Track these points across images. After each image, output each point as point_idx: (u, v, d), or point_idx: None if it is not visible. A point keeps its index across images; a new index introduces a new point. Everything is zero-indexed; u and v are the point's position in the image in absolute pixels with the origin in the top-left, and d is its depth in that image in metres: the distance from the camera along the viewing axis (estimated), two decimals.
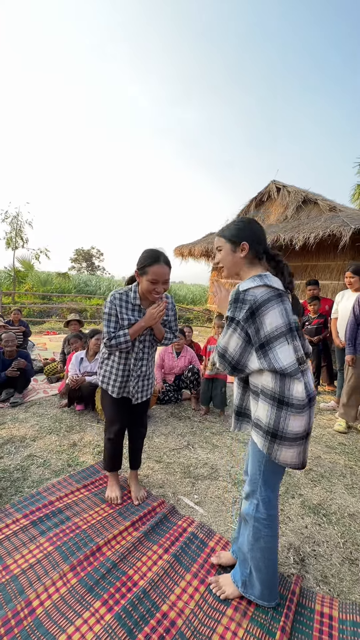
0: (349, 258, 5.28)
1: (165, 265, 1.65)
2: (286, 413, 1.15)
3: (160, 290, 1.66)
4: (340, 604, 1.39)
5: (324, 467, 2.49)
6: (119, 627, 1.24)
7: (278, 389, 1.15)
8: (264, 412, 1.18)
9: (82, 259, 34.13)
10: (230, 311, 1.19)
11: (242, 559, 1.35)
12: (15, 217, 11.74)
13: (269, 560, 1.30)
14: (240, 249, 1.26)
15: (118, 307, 1.70)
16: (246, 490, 1.33)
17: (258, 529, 1.28)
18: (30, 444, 2.60)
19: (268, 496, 1.27)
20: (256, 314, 1.14)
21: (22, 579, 1.42)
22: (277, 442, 1.17)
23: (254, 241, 1.26)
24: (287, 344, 1.16)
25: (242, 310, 1.15)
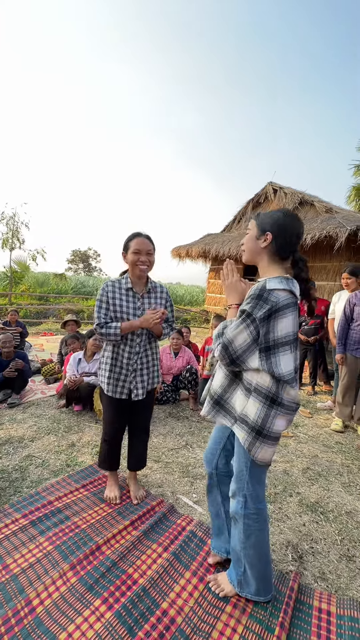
0: (345, 259, 5.34)
1: (145, 238, 1.73)
2: (276, 413, 1.17)
3: (144, 260, 1.71)
4: (338, 600, 1.41)
5: (321, 465, 2.52)
6: (119, 624, 1.25)
7: (274, 389, 1.17)
8: (253, 409, 1.19)
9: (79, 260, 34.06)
10: (249, 306, 1.15)
11: (236, 559, 1.35)
12: (12, 217, 11.70)
13: (262, 555, 1.31)
14: (264, 238, 1.22)
15: (111, 292, 1.73)
16: (232, 488, 1.31)
17: (248, 525, 1.28)
18: (29, 444, 2.59)
19: (255, 491, 1.27)
20: (272, 317, 1.14)
21: (22, 578, 1.42)
22: (260, 440, 1.19)
23: (280, 236, 1.21)
24: (290, 352, 1.18)
25: (262, 310, 1.12)
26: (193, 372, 3.63)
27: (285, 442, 2.89)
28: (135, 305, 1.77)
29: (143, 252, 1.72)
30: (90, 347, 3.43)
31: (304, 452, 2.71)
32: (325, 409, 3.80)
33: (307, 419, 3.48)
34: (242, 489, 1.28)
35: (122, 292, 1.77)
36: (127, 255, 1.75)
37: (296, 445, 2.83)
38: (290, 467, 2.47)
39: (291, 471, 2.40)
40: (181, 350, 3.86)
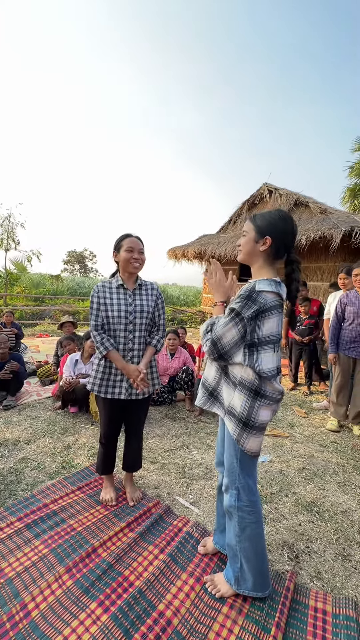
0: (340, 260, 5.38)
1: (136, 238, 1.79)
2: (260, 404, 1.24)
3: (137, 257, 1.76)
4: (334, 599, 1.42)
5: (317, 465, 2.53)
6: (115, 627, 1.24)
7: (257, 382, 1.23)
8: (239, 401, 1.24)
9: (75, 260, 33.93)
10: (238, 305, 1.18)
11: (232, 555, 1.37)
12: (7, 218, 11.63)
13: (257, 548, 1.33)
14: (263, 242, 1.24)
15: (101, 293, 1.77)
16: (225, 483, 1.36)
17: (242, 518, 1.31)
18: (24, 447, 2.58)
19: (247, 483, 1.31)
20: (259, 317, 1.18)
21: (17, 582, 1.41)
22: (247, 431, 1.24)
23: (279, 239, 1.24)
24: (272, 352, 1.23)
25: (251, 310, 1.17)
26: (189, 372, 3.63)
27: (281, 442, 2.90)
28: (127, 302, 1.78)
29: (136, 250, 1.76)
30: (88, 349, 3.42)
31: (300, 452, 2.72)
32: (320, 408, 3.82)
33: (303, 419, 3.49)
34: (234, 482, 1.32)
35: (113, 291, 1.79)
36: (118, 254, 1.78)
37: (292, 445, 2.84)
38: (286, 467, 2.47)
39: (287, 471, 2.41)
40: (177, 351, 3.86)
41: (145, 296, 1.85)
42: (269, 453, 2.67)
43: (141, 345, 1.81)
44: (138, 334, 1.80)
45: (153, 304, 1.86)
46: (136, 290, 1.83)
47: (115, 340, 1.77)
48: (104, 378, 1.80)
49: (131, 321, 1.77)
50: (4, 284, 12.08)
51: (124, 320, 1.76)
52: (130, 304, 1.78)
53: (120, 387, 1.80)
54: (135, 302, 1.80)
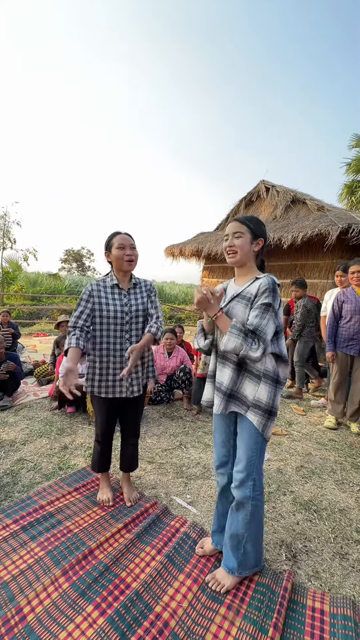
0: (337, 257, 5.37)
1: (126, 234, 1.79)
2: (279, 391, 1.36)
3: (130, 253, 1.75)
4: (332, 599, 1.41)
5: (314, 463, 2.53)
6: (111, 630, 1.23)
7: (276, 370, 1.35)
8: (265, 392, 1.32)
9: (72, 259, 33.77)
10: (270, 298, 1.29)
11: (235, 545, 1.41)
12: (3, 217, 11.55)
13: (260, 529, 1.44)
14: (257, 243, 1.39)
15: (95, 292, 1.75)
16: (240, 478, 1.37)
17: (256, 506, 1.38)
18: (20, 447, 2.56)
19: (260, 471, 1.40)
20: (279, 306, 1.33)
21: (13, 586, 1.40)
22: (270, 419, 1.34)
23: (265, 240, 1.42)
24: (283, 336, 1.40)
25: (277, 301, 1.31)
26: (187, 371, 3.62)
27: (279, 440, 2.90)
28: (122, 302, 1.77)
29: (127, 247, 1.75)
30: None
31: (298, 450, 2.72)
32: (318, 406, 3.82)
33: (301, 417, 3.49)
34: (251, 474, 1.36)
35: (107, 291, 1.77)
36: (110, 253, 1.77)
37: (290, 443, 2.84)
38: (284, 465, 2.47)
39: (285, 469, 2.41)
40: (175, 350, 3.85)
41: (140, 294, 1.83)
42: (267, 451, 2.66)
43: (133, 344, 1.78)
44: (135, 333, 1.78)
45: (146, 298, 1.85)
46: (131, 290, 1.81)
47: (113, 339, 1.75)
48: (96, 377, 1.78)
49: (127, 321, 1.75)
50: (1, 283, 12.02)
51: (120, 320, 1.74)
52: (126, 304, 1.77)
53: (116, 387, 1.78)
54: (130, 302, 1.78)
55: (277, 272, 6.49)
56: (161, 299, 18.31)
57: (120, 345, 1.75)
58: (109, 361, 1.76)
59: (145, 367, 1.87)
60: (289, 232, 5.54)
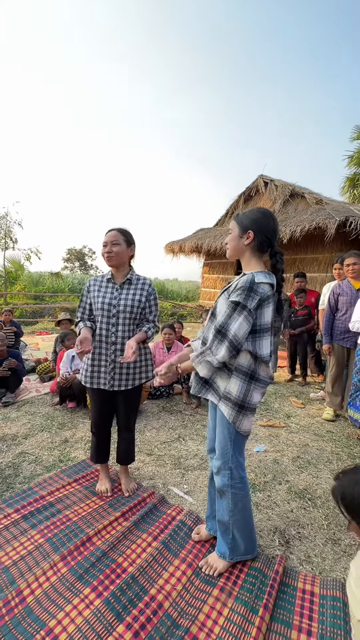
0: (336, 250, 5.36)
1: (114, 231, 1.82)
2: (254, 387, 1.34)
3: (109, 250, 1.80)
4: (322, 581, 1.45)
5: (311, 454, 2.56)
6: (107, 611, 1.28)
7: (252, 367, 1.33)
8: (235, 386, 1.33)
9: (75, 258, 33.89)
10: (242, 297, 1.25)
11: (224, 530, 1.46)
12: (4, 217, 11.62)
13: (247, 518, 1.46)
14: (246, 236, 1.35)
15: (92, 286, 1.87)
16: (217, 465, 1.43)
17: (235, 494, 1.41)
18: (22, 441, 2.62)
19: (239, 461, 1.42)
20: (261, 306, 1.28)
21: (13, 570, 1.46)
22: (242, 413, 1.34)
23: (260, 233, 1.34)
24: (268, 337, 1.34)
25: (254, 300, 1.25)
26: None
27: (277, 432, 2.93)
28: (112, 296, 1.82)
29: (109, 244, 1.80)
30: None
31: (295, 442, 2.75)
32: (318, 399, 3.85)
33: (300, 410, 3.52)
34: (227, 463, 1.41)
35: (102, 285, 1.87)
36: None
37: (287, 435, 2.87)
38: (281, 456, 2.51)
39: (281, 460, 2.44)
40: (174, 345, 3.88)
41: (133, 291, 1.85)
42: (264, 443, 2.70)
43: (125, 340, 1.81)
44: (121, 328, 1.80)
45: (144, 299, 1.86)
46: (124, 285, 1.85)
47: (99, 332, 1.82)
48: (89, 369, 1.85)
49: (114, 315, 1.80)
50: (4, 283, 12.12)
51: (107, 313, 1.79)
52: (115, 298, 1.81)
53: (104, 378, 1.83)
54: (120, 296, 1.82)
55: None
56: (163, 295, 18.34)
57: (106, 337, 1.81)
58: (96, 352, 1.83)
59: (139, 367, 1.89)
60: (287, 226, 5.54)
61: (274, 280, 1.32)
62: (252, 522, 1.50)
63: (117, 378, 1.83)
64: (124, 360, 1.66)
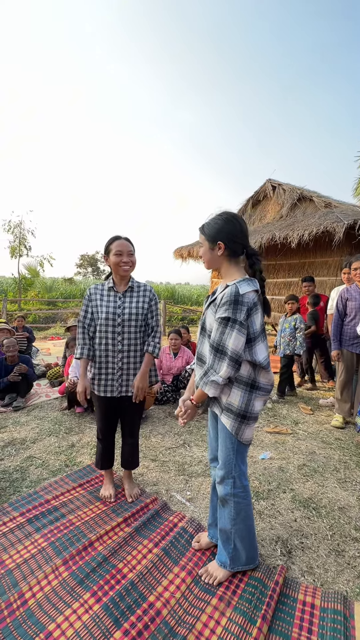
0: (346, 253, 5.28)
1: (125, 240, 1.83)
2: (255, 396, 1.34)
3: (127, 260, 1.80)
4: (323, 593, 1.42)
5: (317, 462, 2.52)
6: (106, 616, 1.30)
7: (252, 375, 1.33)
8: (237, 397, 1.33)
9: (87, 264, 34.46)
10: (230, 312, 1.25)
11: (225, 539, 1.45)
12: (18, 225, 11.97)
13: (249, 527, 1.45)
14: (217, 247, 1.34)
15: (93, 295, 1.87)
16: (220, 475, 1.42)
17: (238, 503, 1.41)
18: (30, 446, 2.68)
19: (241, 469, 1.41)
20: (250, 315, 1.28)
21: (17, 573, 1.49)
22: (244, 423, 1.34)
23: (230, 240, 1.33)
24: (262, 341, 1.32)
25: (242, 312, 1.25)
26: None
27: (283, 439, 2.89)
28: (115, 305, 1.83)
29: (125, 253, 1.80)
30: None
31: (302, 449, 2.71)
32: (327, 405, 3.78)
33: (308, 416, 3.47)
34: (230, 472, 1.40)
35: (104, 293, 1.86)
36: (109, 257, 1.82)
37: (294, 442, 2.83)
38: (286, 463, 2.47)
39: (287, 468, 2.41)
40: (180, 350, 3.90)
41: (136, 298, 1.88)
42: (270, 450, 2.67)
43: (131, 347, 1.85)
44: (127, 336, 1.83)
45: (147, 306, 1.89)
46: (127, 293, 1.87)
47: (105, 341, 1.82)
48: (96, 376, 1.86)
49: (119, 324, 1.82)
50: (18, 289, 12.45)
51: (112, 322, 1.81)
52: (119, 307, 1.83)
53: (112, 385, 1.85)
54: (124, 305, 1.84)
55: (286, 271, 6.43)
56: (173, 300, 18.40)
57: (113, 346, 1.82)
58: (103, 361, 1.84)
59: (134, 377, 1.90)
60: (295, 230, 5.50)
61: (257, 286, 1.31)
62: (254, 531, 1.48)
63: (125, 384, 1.86)
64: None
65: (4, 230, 11.90)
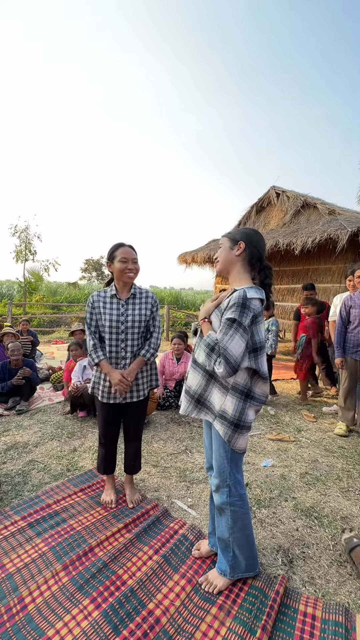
0: (350, 260, 5.28)
1: (129, 247, 1.84)
2: (249, 405, 1.34)
3: (131, 267, 1.81)
4: (325, 604, 1.41)
5: (320, 470, 2.49)
6: (105, 623, 1.29)
7: (249, 385, 1.33)
8: (231, 405, 1.32)
9: (92, 268, 34.71)
10: (236, 314, 1.23)
11: (224, 547, 1.44)
12: (25, 230, 12.13)
13: (248, 536, 1.44)
14: (237, 247, 1.37)
15: (96, 302, 1.86)
16: (215, 483, 1.42)
17: (235, 512, 1.40)
18: (33, 449, 2.69)
19: (236, 478, 1.41)
20: (255, 322, 1.28)
21: (17, 577, 1.50)
22: (237, 432, 1.33)
23: (251, 244, 1.38)
24: (265, 353, 1.35)
25: (248, 317, 1.24)
26: None
27: (286, 446, 2.87)
28: (119, 312, 1.84)
29: (129, 260, 1.82)
30: None
31: (304, 457, 2.69)
32: (330, 413, 3.75)
33: (311, 424, 3.44)
34: (225, 480, 1.40)
35: (107, 300, 1.86)
36: (113, 264, 1.84)
37: (297, 450, 2.81)
38: (288, 471, 2.46)
39: (289, 476, 2.39)
40: (183, 356, 3.91)
41: (139, 305, 1.89)
42: (272, 457, 2.65)
43: (134, 353, 1.87)
44: (130, 343, 1.85)
45: (149, 312, 1.91)
46: (129, 300, 1.89)
47: (109, 349, 1.84)
48: (102, 383, 1.87)
49: (123, 331, 1.83)
50: (23, 293, 12.56)
51: (115, 330, 1.82)
52: (123, 314, 1.84)
53: (110, 392, 1.86)
54: (127, 312, 1.85)
55: (290, 277, 6.44)
56: (177, 305, 18.44)
57: (116, 353, 1.84)
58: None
59: (147, 376, 1.96)
60: (298, 237, 5.52)
61: (263, 295, 1.32)
62: (253, 539, 1.48)
63: (129, 390, 1.88)
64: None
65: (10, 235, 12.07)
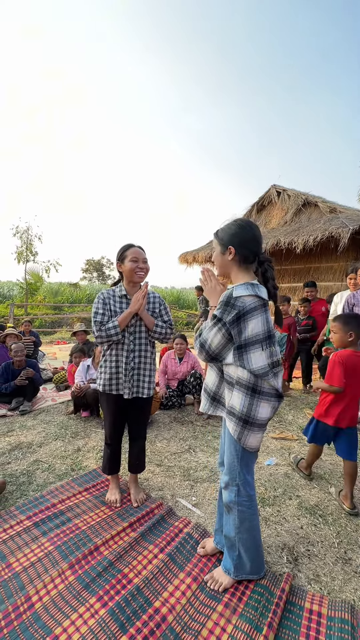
0: (352, 258, 5.27)
1: (139, 248, 1.87)
2: (258, 400, 1.29)
3: (142, 267, 1.84)
4: (330, 602, 1.41)
5: (323, 469, 2.50)
6: (112, 621, 1.30)
7: (253, 380, 1.28)
8: (238, 400, 1.30)
9: (93, 269, 34.75)
10: (219, 311, 1.27)
11: (230, 546, 1.44)
12: (26, 231, 12.16)
13: (255, 538, 1.43)
14: (228, 252, 1.33)
15: (107, 299, 1.88)
16: (225, 480, 1.42)
17: (242, 512, 1.39)
18: (37, 449, 2.70)
19: (246, 479, 1.39)
20: (241, 319, 1.25)
21: (23, 576, 1.51)
22: (247, 428, 1.30)
23: (241, 246, 1.32)
24: (261, 350, 1.28)
25: (230, 315, 1.25)
26: (197, 376, 3.67)
27: (289, 445, 2.88)
28: None
29: (140, 260, 1.85)
30: (98, 355, 3.54)
31: None
32: None
33: None
34: (234, 479, 1.39)
35: (117, 300, 1.90)
36: (123, 264, 1.86)
37: (300, 449, 2.81)
38: (292, 470, 2.46)
39: (292, 474, 2.40)
40: (185, 355, 3.91)
41: (146, 305, 1.94)
42: (275, 456, 2.66)
43: (142, 346, 1.91)
44: (138, 335, 1.91)
45: (157, 311, 1.98)
46: None
47: (118, 345, 1.88)
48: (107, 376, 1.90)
49: (132, 324, 1.88)
50: (25, 294, 12.59)
51: (125, 328, 1.86)
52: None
53: (124, 386, 1.89)
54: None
55: (291, 276, 6.43)
56: (178, 305, 18.45)
57: (126, 345, 1.88)
58: (113, 359, 1.89)
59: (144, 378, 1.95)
60: (300, 235, 5.51)
61: (258, 291, 1.27)
62: (259, 542, 1.46)
63: (136, 385, 1.91)
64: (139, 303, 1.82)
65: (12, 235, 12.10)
